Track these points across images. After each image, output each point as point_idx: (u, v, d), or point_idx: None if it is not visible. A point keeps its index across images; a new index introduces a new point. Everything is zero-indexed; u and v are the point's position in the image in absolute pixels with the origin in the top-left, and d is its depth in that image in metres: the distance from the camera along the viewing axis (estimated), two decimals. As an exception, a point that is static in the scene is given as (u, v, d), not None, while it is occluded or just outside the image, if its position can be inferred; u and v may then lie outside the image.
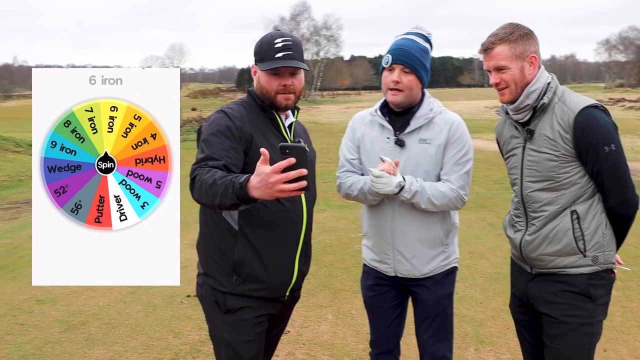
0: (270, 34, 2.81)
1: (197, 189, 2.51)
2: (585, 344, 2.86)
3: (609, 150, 2.70)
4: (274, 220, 2.77)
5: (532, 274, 3.00)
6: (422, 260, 3.21)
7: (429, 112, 3.18)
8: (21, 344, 5.12)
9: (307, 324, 5.49)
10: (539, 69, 2.87)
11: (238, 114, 2.79)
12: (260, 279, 2.80)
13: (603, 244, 2.83)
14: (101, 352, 4.94)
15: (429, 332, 3.31)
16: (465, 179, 3.15)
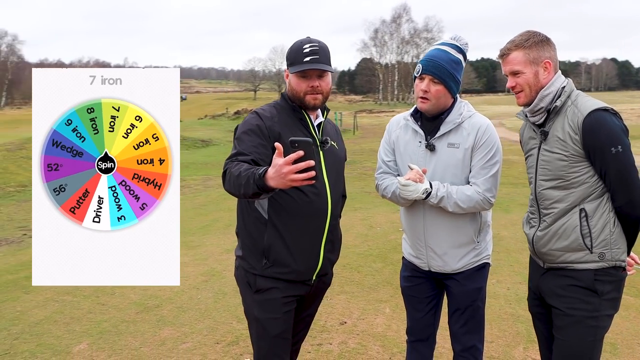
0: (300, 41, 3.08)
1: (227, 181, 2.83)
2: (589, 336, 2.96)
3: (616, 152, 2.80)
4: (300, 210, 3.03)
5: (545, 269, 3.14)
6: (453, 258, 3.38)
7: (457, 117, 3.31)
8: (100, 321, 5.62)
9: (364, 317, 5.72)
10: (555, 73, 3.00)
11: (269, 114, 3.08)
12: (286, 263, 3.06)
13: (610, 242, 2.93)
14: (170, 332, 5.36)
15: (460, 323, 3.47)
16: (492, 181, 3.27)
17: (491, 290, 6.50)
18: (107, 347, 5.03)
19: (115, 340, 5.19)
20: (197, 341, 5.15)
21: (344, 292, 6.50)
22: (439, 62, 3.26)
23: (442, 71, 3.24)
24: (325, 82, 3.09)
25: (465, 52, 3.37)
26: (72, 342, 5.15)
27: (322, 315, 5.77)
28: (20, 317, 5.76)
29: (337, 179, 3.21)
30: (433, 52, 3.33)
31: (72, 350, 4.97)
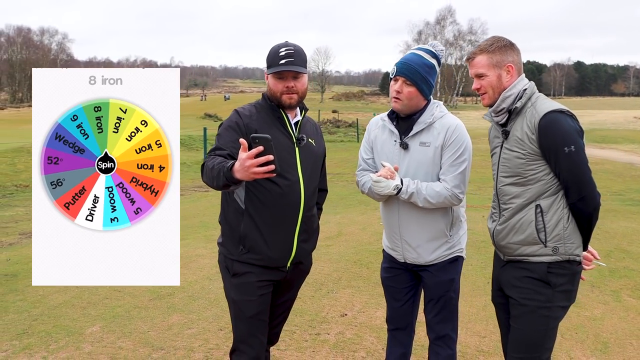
0: (278, 45, 3.33)
1: (204, 173, 3.12)
2: (541, 325, 3.15)
3: (569, 151, 2.99)
4: (273, 201, 3.27)
5: (504, 261, 3.34)
6: (426, 250, 3.59)
7: (429, 117, 3.50)
8: (115, 306, 5.95)
9: (365, 310, 5.94)
10: (518, 76, 3.20)
11: (248, 112, 3.34)
12: (260, 250, 3.31)
13: (564, 237, 3.11)
14: (178, 318, 5.65)
15: (433, 312, 3.69)
16: (460, 178, 3.46)
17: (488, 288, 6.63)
18: (118, 330, 5.35)
19: (126, 324, 5.51)
20: (202, 327, 5.43)
21: (350, 287, 6.72)
22: (413, 66, 3.47)
23: (415, 74, 3.45)
24: (301, 83, 3.32)
25: (439, 58, 3.59)
26: (86, 325, 5.47)
27: (324, 307, 6.01)
28: (41, 300, 6.12)
29: (312, 173, 3.43)
30: (408, 56, 3.55)
31: (84, 332, 5.30)
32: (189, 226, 10.18)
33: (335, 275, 7.16)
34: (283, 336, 5.12)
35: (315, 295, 6.42)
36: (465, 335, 5.31)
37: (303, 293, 6.41)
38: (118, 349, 4.96)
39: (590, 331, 5.45)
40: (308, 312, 5.86)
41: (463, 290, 6.47)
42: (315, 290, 6.59)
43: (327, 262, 7.80)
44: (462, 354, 4.94)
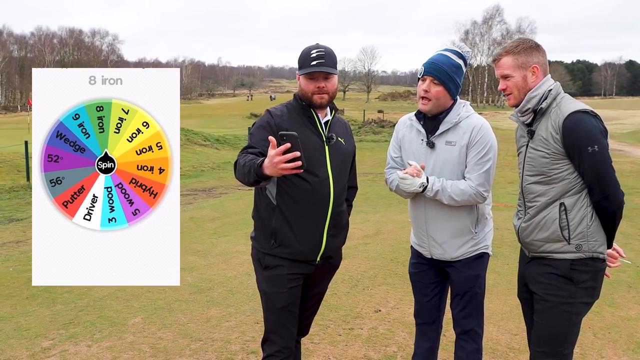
0: (309, 47, 3.47)
1: (237, 170, 3.26)
2: (563, 321, 3.22)
3: (592, 151, 3.05)
4: (304, 197, 3.41)
5: (529, 258, 3.41)
6: (452, 246, 3.67)
7: (455, 117, 3.58)
8: (157, 299, 6.18)
9: (399, 306, 6.04)
10: (543, 77, 3.27)
11: (279, 112, 3.47)
12: (291, 244, 3.44)
13: (587, 234, 3.17)
14: (217, 311, 5.85)
15: (459, 307, 3.78)
16: (485, 177, 3.53)
17: (529, 287, 6.67)
18: (159, 322, 5.56)
19: (167, 316, 5.72)
20: (239, 320, 5.61)
21: (385, 284, 6.83)
22: (440, 65, 3.55)
23: (442, 73, 3.53)
24: (331, 84, 3.44)
25: (466, 58, 3.66)
26: (129, 316, 5.71)
27: (359, 303, 6.13)
28: (87, 292, 6.38)
29: (342, 171, 3.55)
30: (436, 56, 3.63)
31: (127, 323, 5.53)
32: (230, 223, 10.42)
33: (372, 273, 7.28)
34: (317, 330, 5.28)
35: (350, 291, 6.55)
36: (497, 333, 5.38)
37: (339, 289, 6.56)
38: (158, 339, 5.17)
39: (624, 331, 5.44)
40: (343, 308, 5.99)
41: (498, 288, 6.55)
42: (351, 286, 6.72)
43: (364, 259, 7.92)
44: (493, 350, 5.00)
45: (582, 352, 4.96)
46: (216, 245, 8.84)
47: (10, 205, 13.32)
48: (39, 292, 6.35)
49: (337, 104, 3.85)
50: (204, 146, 24.96)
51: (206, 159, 21.87)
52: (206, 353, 4.90)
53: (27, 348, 4.95)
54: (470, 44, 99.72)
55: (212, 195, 14.94)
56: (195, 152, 23.45)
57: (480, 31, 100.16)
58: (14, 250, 8.66)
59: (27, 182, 16.16)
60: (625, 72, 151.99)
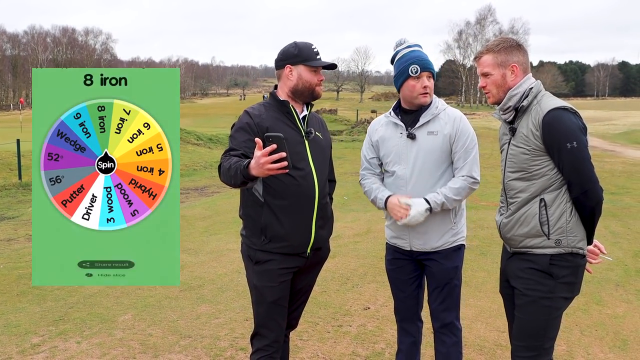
0: (303, 42, 3.61)
1: (222, 174, 3.34)
2: (543, 315, 3.27)
3: (571, 147, 3.09)
4: (290, 192, 3.47)
5: (510, 253, 3.45)
6: (433, 237, 3.75)
7: (435, 109, 3.74)
8: (147, 296, 6.20)
9: (388, 304, 6.06)
10: (524, 76, 3.32)
11: (258, 112, 3.55)
12: (281, 238, 3.49)
13: (566, 230, 3.21)
14: (206, 308, 5.88)
15: (438, 300, 3.84)
16: (473, 162, 3.69)
17: (518, 285, 6.72)
18: (148, 319, 5.59)
19: (157, 313, 5.75)
20: (229, 317, 5.64)
21: (374, 282, 6.87)
22: (429, 60, 3.76)
23: (432, 67, 3.76)
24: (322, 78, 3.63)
25: None
26: (119, 313, 5.73)
27: (348, 300, 6.17)
28: (77, 289, 6.40)
29: (322, 163, 3.63)
30: (417, 53, 3.76)
31: (117, 320, 5.56)
32: (221, 222, 10.45)
33: (361, 271, 7.32)
34: (306, 327, 5.31)
35: (340, 289, 6.59)
36: (484, 330, 5.42)
37: (329, 287, 6.60)
38: (148, 335, 5.20)
39: (610, 329, 5.49)
40: (332, 305, 6.03)
41: (487, 286, 6.60)
42: (341, 284, 6.76)
43: (354, 257, 7.97)
44: (480, 347, 5.05)
45: (569, 350, 5.01)
46: (207, 243, 8.87)
47: (2, 203, 13.31)
48: (29, 289, 6.37)
49: (331, 104, 3.95)
50: (197, 145, 24.96)
51: (199, 158, 21.89)
52: (195, 349, 4.92)
53: (17, 344, 4.97)
54: (464, 44, 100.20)
55: (204, 194, 14.97)
56: (188, 151, 23.43)
57: (474, 31, 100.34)
58: (5, 248, 8.67)
59: (19, 180, 16.14)
60: (617, 73, 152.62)
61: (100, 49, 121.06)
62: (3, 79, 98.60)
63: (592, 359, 4.88)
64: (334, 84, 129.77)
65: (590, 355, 4.94)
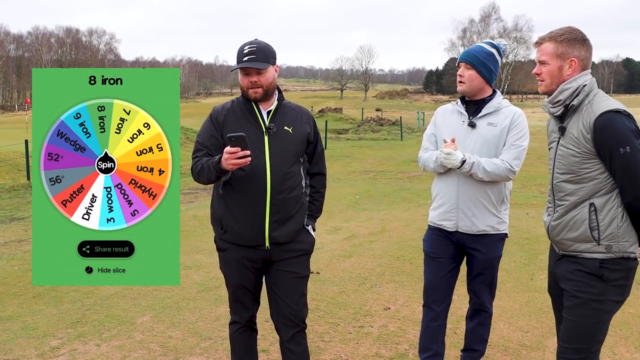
0: (244, 43, 3.58)
1: (196, 176, 3.61)
2: (592, 318, 3.19)
3: (624, 152, 3.00)
4: (241, 186, 3.57)
5: (559, 255, 3.38)
6: (479, 219, 4.02)
7: (497, 104, 4.03)
8: (164, 298, 6.13)
9: (408, 304, 6.01)
10: (581, 72, 3.21)
11: (220, 108, 3.71)
12: (233, 230, 3.64)
13: (617, 235, 3.12)
14: (225, 309, 5.78)
15: (480, 284, 4.22)
16: (518, 154, 3.91)
17: (538, 284, 6.66)
18: (167, 320, 5.52)
19: (175, 314, 5.68)
20: (249, 319, 5.56)
21: (393, 281, 6.80)
22: (472, 52, 4.05)
23: (473, 58, 4.01)
24: (265, 78, 3.54)
25: (498, 47, 4.10)
26: (137, 315, 5.67)
27: (368, 300, 6.10)
28: (93, 291, 6.34)
29: (283, 158, 3.62)
30: (470, 47, 4.07)
31: (135, 322, 5.49)
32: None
33: (379, 270, 7.25)
34: (327, 328, 5.25)
35: (359, 289, 6.51)
36: (508, 330, 5.35)
37: (347, 287, 6.54)
38: (168, 338, 5.13)
39: (635, 328, 5.42)
40: (352, 306, 5.96)
41: (506, 286, 6.52)
42: (359, 284, 6.69)
43: (371, 257, 7.89)
44: (505, 348, 4.98)
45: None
46: (221, 243, 8.77)
47: (12, 204, 13.25)
48: (45, 291, 6.30)
49: (335, 102, 3.90)
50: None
51: (206, 158, 21.81)
52: (216, 352, 4.86)
53: (36, 347, 4.91)
54: (468, 41, 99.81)
55: (214, 194, 14.92)
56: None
57: (478, 29, 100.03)
58: (17, 250, 8.60)
59: (28, 181, 16.08)
60: (622, 70, 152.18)
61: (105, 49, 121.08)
62: (7, 79, 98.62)
63: (619, 359, 4.81)
64: (338, 83, 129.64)
65: (617, 355, 4.87)
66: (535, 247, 8.38)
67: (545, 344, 5.06)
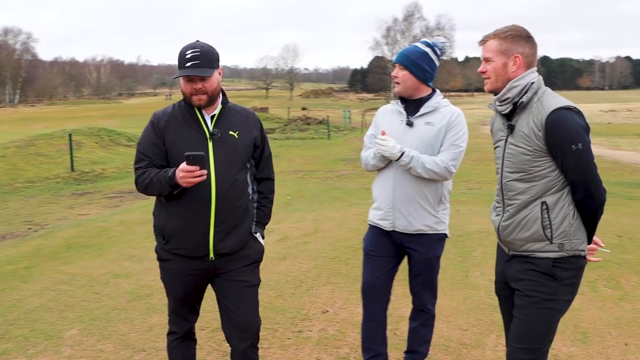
0: (185, 46, 3.38)
1: (142, 188, 3.46)
2: (545, 317, 3.18)
3: (576, 149, 2.98)
4: (186, 197, 3.41)
5: (509, 255, 3.35)
6: (416, 218, 4.02)
7: (435, 103, 4.01)
8: (93, 309, 5.87)
9: (346, 306, 5.93)
10: (526, 69, 3.20)
11: (162, 113, 3.53)
12: (176, 241, 3.49)
13: (569, 233, 3.12)
14: (158, 319, 5.60)
15: (420, 285, 4.24)
16: (456, 155, 3.93)
17: (473, 281, 6.70)
18: (97, 333, 5.27)
19: (105, 326, 5.44)
20: (183, 327, 5.37)
21: (329, 283, 6.71)
22: (405, 53, 4.03)
23: (406, 59, 3.98)
24: (209, 83, 3.36)
25: (434, 46, 4.06)
26: (64, 328, 5.39)
27: (305, 304, 6.00)
28: (16, 304, 6.02)
29: (229, 165, 3.47)
30: (405, 48, 4.02)
31: (63, 336, 5.22)
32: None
33: (315, 272, 7.14)
34: (265, 334, 5.11)
35: (295, 292, 6.40)
36: (447, 329, 5.34)
37: (283, 290, 6.41)
38: (99, 351, 4.90)
39: (570, 322, 5.49)
40: (289, 310, 5.84)
41: (442, 284, 6.50)
42: (295, 287, 6.57)
43: (306, 259, 7.78)
44: (445, 347, 4.96)
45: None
46: (151, 249, 8.34)
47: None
48: (-37, 306, 5.95)
49: (261, 102, 3.79)
50: (128, 147, 24.24)
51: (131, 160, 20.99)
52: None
53: (-45, 368, 4.60)
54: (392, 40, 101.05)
55: (140, 197, 14.46)
56: (119, 153, 22.80)
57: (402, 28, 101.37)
58: None
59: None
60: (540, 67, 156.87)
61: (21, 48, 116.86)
62: None
63: (557, 353, 4.86)
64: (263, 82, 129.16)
65: (554, 349, 4.91)
66: (468, 244, 8.45)
67: (485, 341, 5.07)
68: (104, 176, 18.20)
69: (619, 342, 5.08)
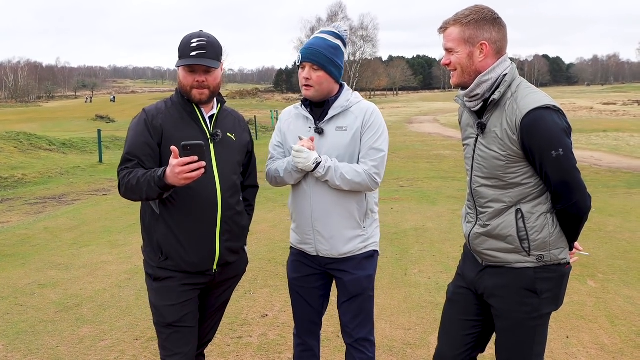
0: (190, 35, 3.11)
1: (126, 190, 3.03)
2: (529, 336, 2.87)
3: (556, 155, 2.63)
4: (186, 202, 3.09)
5: (483, 265, 3.00)
6: (340, 241, 3.38)
7: (345, 102, 3.38)
8: (18, 322, 5.53)
9: (285, 309, 5.78)
10: (497, 58, 2.78)
11: (155, 110, 3.16)
12: (179, 256, 3.13)
13: (549, 243, 2.79)
14: (89, 330, 5.31)
15: (350, 314, 3.48)
16: (380, 162, 3.31)
17: (413, 279, 6.66)
18: (24, 347, 4.96)
19: (32, 340, 5.12)
20: (117, 338, 5.12)
21: (267, 286, 6.55)
22: (317, 49, 3.33)
23: (320, 57, 3.31)
24: (213, 77, 3.12)
25: (343, 38, 3.45)
26: (-13, 344, 5.05)
27: (244, 308, 5.82)
28: None
29: (230, 169, 3.24)
30: (312, 40, 3.41)
31: (-14, 352, 4.88)
32: (91, 232, 9.68)
33: (251, 275, 6.95)
34: (204, 342, 4.91)
35: (232, 296, 6.17)
36: (390, 329, 5.26)
37: (220, 295, 6.20)
38: (26, 368, 4.59)
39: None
40: (227, 315, 5.62)
41: (382, 282, 6.46)
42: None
43: (241, 262, 7.58)
44: (390, 348, 4.87)
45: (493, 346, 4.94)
46: (78, 256, 8.11)
47: None
48: None
49: None
50: (50, 151, 23.38)
51: (53, 165, 20.47)
52: (83, 379, 4.40)
53: None
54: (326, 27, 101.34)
55: (64, 203, 13.93)
56: (40, 157, 21.91)
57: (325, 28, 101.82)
58: None
59: None
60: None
61: None
62: None
63: (500, 349, 4.84)
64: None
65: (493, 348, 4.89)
66: (405, 242, 8.43)
67: (429, 340, 5.00)
68: (24, 182, 17.42)
69: (561, 336, 5.10)
